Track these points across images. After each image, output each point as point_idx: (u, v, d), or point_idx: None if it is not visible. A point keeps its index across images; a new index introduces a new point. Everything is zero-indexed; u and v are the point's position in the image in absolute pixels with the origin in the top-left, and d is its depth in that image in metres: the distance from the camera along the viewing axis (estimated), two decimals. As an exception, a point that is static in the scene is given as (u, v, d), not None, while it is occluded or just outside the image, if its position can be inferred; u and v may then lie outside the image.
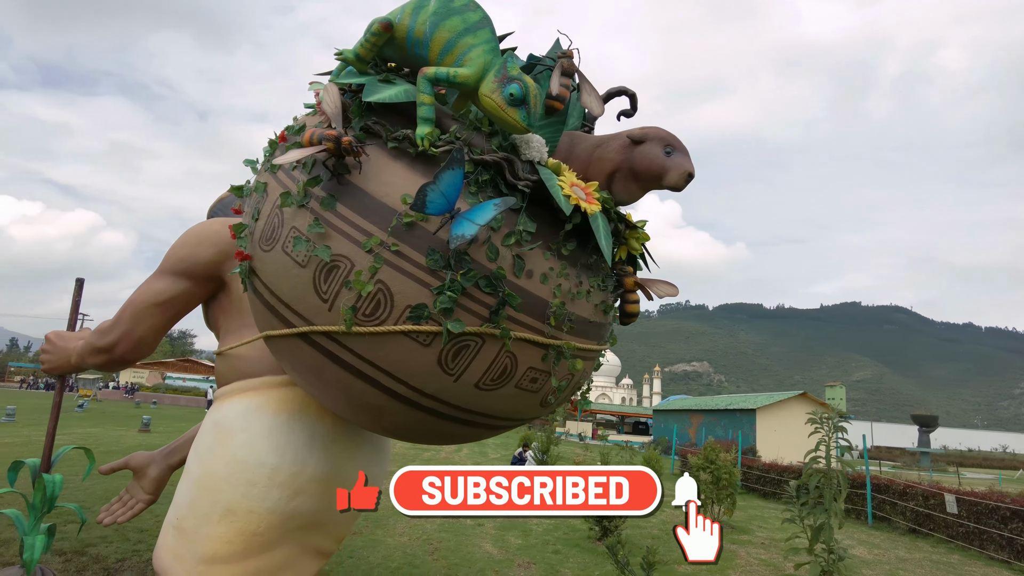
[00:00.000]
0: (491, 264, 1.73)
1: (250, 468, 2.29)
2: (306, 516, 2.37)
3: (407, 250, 1.70)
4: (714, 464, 7.58)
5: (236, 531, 2.26)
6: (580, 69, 2.07)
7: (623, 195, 2.04)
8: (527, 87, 1.70)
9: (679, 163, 1.93)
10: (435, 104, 1.78)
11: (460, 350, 1.76)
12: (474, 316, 1.73)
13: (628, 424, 62.56)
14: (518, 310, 1.77)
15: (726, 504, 7.63)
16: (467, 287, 1.70)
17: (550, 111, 2.01)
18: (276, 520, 2.30)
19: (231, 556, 2.25)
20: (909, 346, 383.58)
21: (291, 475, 2.31)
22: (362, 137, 1.82)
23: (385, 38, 1.84)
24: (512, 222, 1.78)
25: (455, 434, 2.09)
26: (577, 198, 1.82)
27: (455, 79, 1.75)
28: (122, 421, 20.09)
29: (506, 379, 1.85)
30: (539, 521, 7.76)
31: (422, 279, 1.70)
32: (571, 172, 1.96)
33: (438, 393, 1.84)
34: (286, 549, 2.38)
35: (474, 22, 1.79)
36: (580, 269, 1.93)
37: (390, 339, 1.74)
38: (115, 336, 2.69)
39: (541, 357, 1.87)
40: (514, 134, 1.80)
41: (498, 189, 1.80)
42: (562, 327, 1.86)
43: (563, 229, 1.84)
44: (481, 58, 1.76)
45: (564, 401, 2.18)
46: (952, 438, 78.74)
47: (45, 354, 3.06)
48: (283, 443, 2.33)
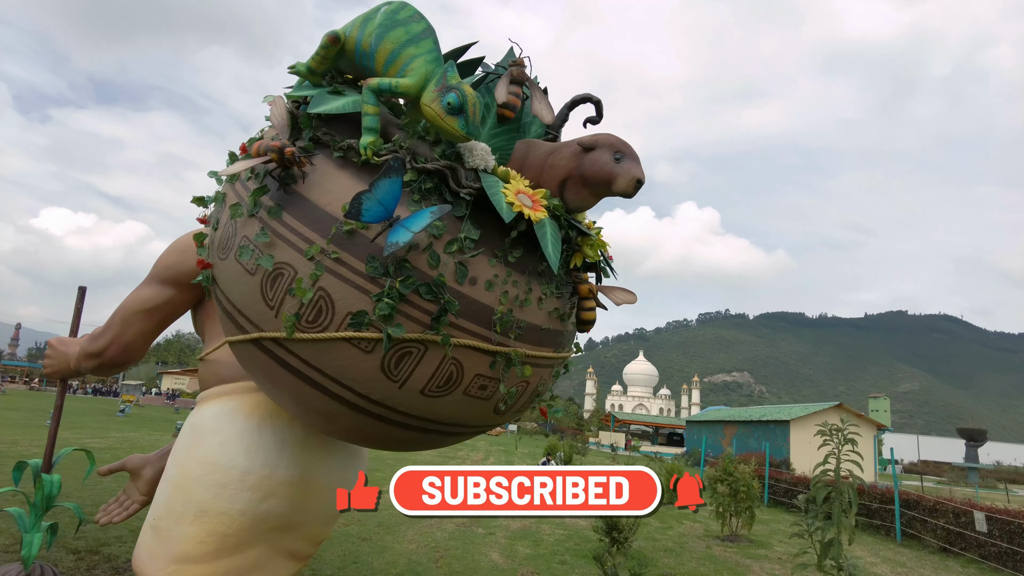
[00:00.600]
0: (432, 271, 1.75)
1: (221, 470, 2.34)
2: (277, 518, 2.41)
3: (347, 258, 1.74)
4: (732, 476, 7.41)
5: (208, 531, 2.31)
6: (531, 77, 2.08)
7: (575, 202, 2.03)
8: (465, 96, 1.72)
9: (627, 169, 1.91)
10: (379, 114, 1.81)
11: (403, 356, 1.78)
12: (416, 323, 1.75)
13: (662, 435, 61.64)
14: (460, 317, 1.78)
15: (744, 517, 7.45)
16: (407, 294, 1.72)
17: (501, 119, 2.03)
18: (247, 521, 2.34)
19: (203, 556, 2.30)
20: (959, 356, 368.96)
21: (261, 478, 2.36)
22: (310, 148, 1.87)
23: (334, 51, 1.89)
24: (456, 229, 1.80)
25: (408, 440, 2.10)
26: (521, 205, 1.83)
27: (397, 89, 1.78)
28: (159, 426, 20.71)
29: (453, 386, 1.86)
30: (552, 531, 7.70)
31: (362, 286, 1.73)
32: (522, 179, 1.97)
33: (385, 399, 1.86)
34: (258, 550, 2.42)
35: (417, 33, 1.82)
36: (530, 276, 1.92)
37: (333, 345, 1.77)
38: (105, 341, 2.79)
39: (489, 364, 1.87)
40: (455, 142, 1.81)
41: (443, 197, 1.81)
42: (509, 334, 1.86)
43: (508, 236, 1.85)
44: (423, 68, 1.79)
45: (522, 409, 2.17)
46: (1006, 453, 75.18)
47: (47, 359, 3.20)
48: (254, 446, 2.38)
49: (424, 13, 1.87)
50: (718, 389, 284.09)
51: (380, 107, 1.83)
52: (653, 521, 9.16)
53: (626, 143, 1.99)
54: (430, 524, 7.31)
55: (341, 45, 1.88)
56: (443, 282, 1.75)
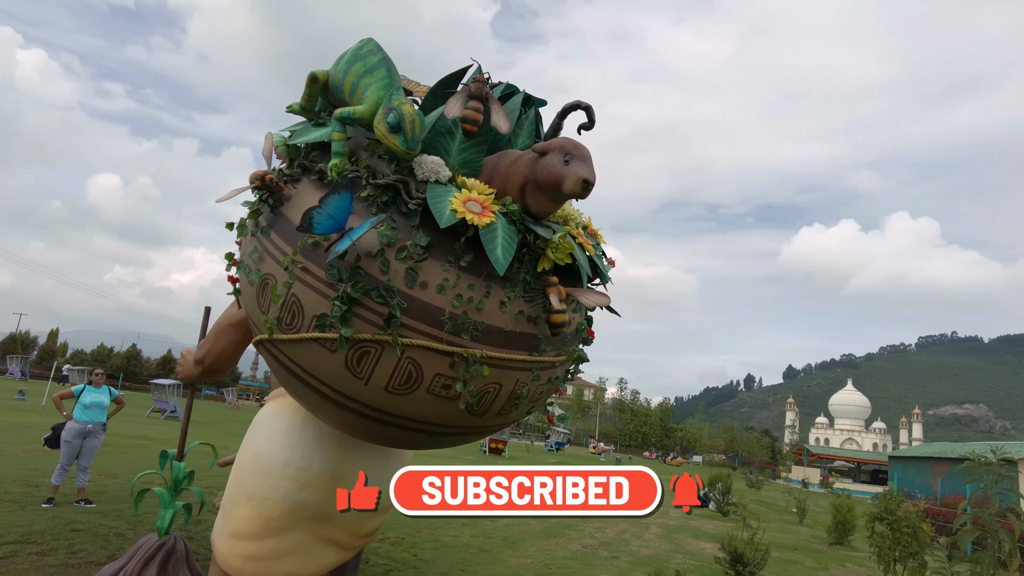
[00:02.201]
0: (383, 276, 1.90)
1: (266, 461, 2.68)
2: (314, 507, 2.68)
3: (312, 267, 1.96)
4: (893, 515, 6.42)
5: (256, 513, 2.65)
6: (489, 91, 2.16)
7: (534, 207, 2.06)
8: (402, 114, 1.87)
9: (575, 171, 1.91)
10: (344, 139, 2.02)
11: (362, 355, 1.95)
12: (371, 325, 1.91)
13: (866, 472, 54.55)
14: (411, 318, 1.91)
15: (911, 566, 6.38)
16: (359, 297, 1.89)
17: (467, 134, 2.14)
18: (287, 508, 2.64)
19: (252, 535, 2.65)
20: None
21: (300, 469, 2.66)
22: (296, 174, 2.15)
23: (316, 88, 2.16)
24: (409, 237, 1.94)
25: (394, 437, 2.25)
26: (467, 211, 1.91)
27: (354, 115, 1.99)
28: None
29: (414, 384, 1.98)
30: (683, 560, 7.29)
31: (324, 291, 1.94)
32: (481, 187, 2.05)
33: (356, 395, 2.03)
34: (298, 535, 2.71)
35: (372, 64, 2.02)
36: (489, 280, 1.99)
37: (306, 345, 2.00)
38: (203, 352, 3.34)
39: (449, 364, 1.96)
40: (402, 157, 1.96)
41: (398, 209, 1.97)
42: (462, 334, 1.94)
43: (459, 242, 1.95)
44: (375, 94, 1.98)
45: (506, 413, 2.19)
46: None
47: (178, 367, 3.87)
48: (295, 441, 2.69)
49: (384, 46, 2.07)
50: (946, 423, 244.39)
51: (351, 132, 2.05)
52: (807, 560, 8.23)
53: (579, 145, 1.99)
54: (555, 543, 7.33)
55: (322, 83, 2.15)
56: (391, 286, 1.89)
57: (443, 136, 2.16)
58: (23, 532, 4.75)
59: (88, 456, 6.12)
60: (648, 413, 72.85)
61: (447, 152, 2.16)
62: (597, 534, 8.57)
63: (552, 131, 2.47)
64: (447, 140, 2.17)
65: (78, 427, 6.06)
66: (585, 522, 9.54)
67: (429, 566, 5.43)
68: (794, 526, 12.89)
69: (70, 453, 6.02)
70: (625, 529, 9.39)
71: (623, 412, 73.80)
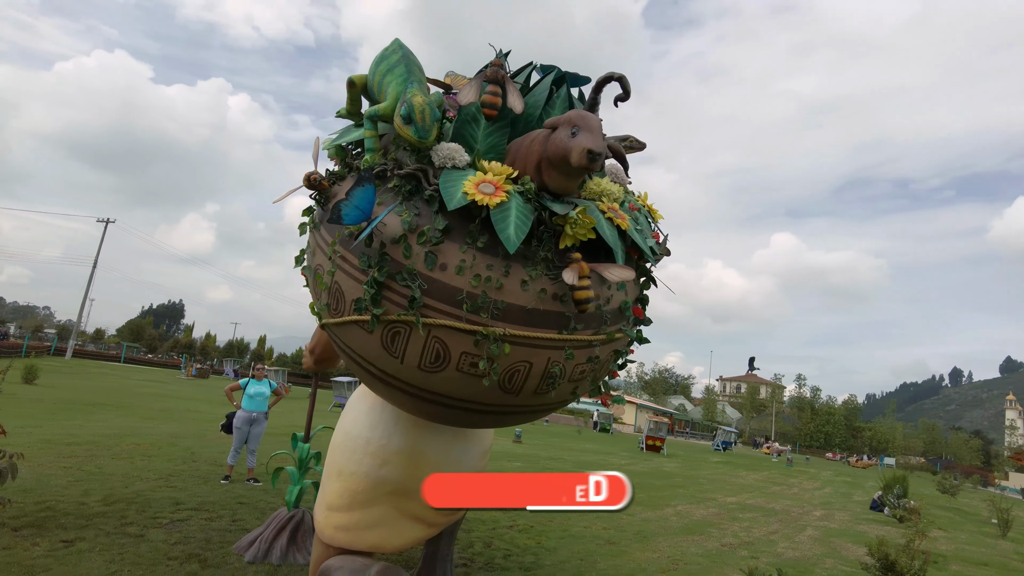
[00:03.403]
0: (406, 261, 2.03)
1: (352, 439, 2.94)
2: (394, 483, 2.89)
3: (348, 255, 2.14)
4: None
5: (344, 487, 2.92)
6: (505, 74, 2.18)
7: (550, 184, 2.06)
8: (411, 106, 1.97)
9: (579, 141, 1.88)
10: (375, 136, 2.18)
11: (394, 335, 2.09)
12: (398, 307, 2.05)
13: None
14: (433, 299, 2.01)
15: None
16: (385, 281, 2.03)
17: (488, 118, 2.19)
18: (370, 483, 2.88)
19: (341, 507, 2.92)
20: None
21: (380, 447, 2.88)
22: (343, 172, 2.35)
23: (354, 92, 2.35)
24: (430, 222, 2.05)
25: (437, 415, 2.37)
26: (479, 193, 1.97)
27: (379, 112, 2.13)
28: (502, 432, 23.69)
29: (443, 362, 2.08)
30: (833, 565, 6.61)
31: (358, 277, 2.11)
32: (498, 168, 2.09)
33: (395, 374, 2.18)
34: (382, 509, 2.93)
35: (393, 62, 2.15)
36: (509, 259, 2.03)
37: (349, 327, 2.19)
38: (314, 343, 3.72)
39: (473, 343, 2.04)
40: (416, 147, 2.06)
41: (421, 196, 2.09)
42: (480, 313, 2.00)
43: (474, 224, 2.01)
44: (394, 91, 2.11)
45: (544, 392, 2.19)
46: None
47: (304, 358, 4.35)
48: (376, 421, 2.93)
49: (407, 43, 2.19)
50: None
51: (384, 128, 2.21)
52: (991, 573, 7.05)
53: (586, 116, 1.95)
54: (691, 539, 7.05)
55: (360, 87, 2.33)
56: (413, 270, 2.01)
57: (469, 124, 2.24)
58: (200, 501, 5.62)
59: (255, 440, 7.06)
60: (831, 411, 67.03)
61: (473, 139, 2.23)
62: (742, 533, 8.08)
63: (590, 105, 2.44)
64: (473, 127, 2.24)
65: (245, 415, 7.01)
66: (731, 520, 9.04)
67: (550, 554, 5.51)
68: (994, 539, 11.09)
69: (240, 438, 6.99)
70: (776, 530, 8.75)
71: (803, 410, 68.58)
